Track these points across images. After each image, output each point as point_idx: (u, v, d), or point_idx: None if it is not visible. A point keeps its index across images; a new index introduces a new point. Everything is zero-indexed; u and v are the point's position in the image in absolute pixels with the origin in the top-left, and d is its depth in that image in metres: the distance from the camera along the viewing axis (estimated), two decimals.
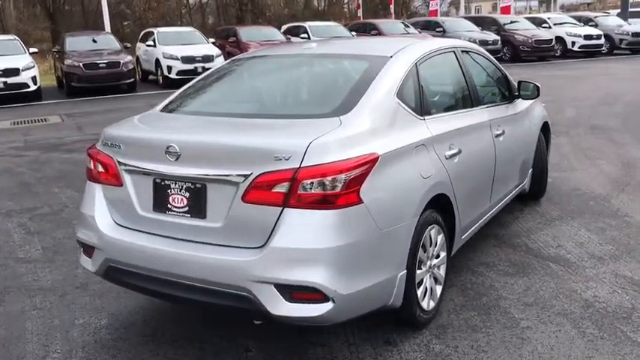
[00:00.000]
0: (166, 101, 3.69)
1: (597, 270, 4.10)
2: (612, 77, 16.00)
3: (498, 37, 21.46)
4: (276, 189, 2.70)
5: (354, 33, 20.60)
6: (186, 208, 2.95)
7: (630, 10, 28.76)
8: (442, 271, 3.55)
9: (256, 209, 2.76)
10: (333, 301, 2.70)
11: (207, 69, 16.48)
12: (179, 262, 2.92)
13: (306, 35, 20.09)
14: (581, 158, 7.29)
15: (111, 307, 3.85)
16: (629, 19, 26.70)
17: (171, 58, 16.89)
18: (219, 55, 17.30)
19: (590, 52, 23.13)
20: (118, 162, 3.14)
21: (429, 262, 3.37)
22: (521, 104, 4.98)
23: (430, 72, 3.71)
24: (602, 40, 23.26)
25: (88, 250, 3.33)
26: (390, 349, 3.22)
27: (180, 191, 2.96)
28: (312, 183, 2.67)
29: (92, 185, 3.35)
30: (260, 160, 2.73)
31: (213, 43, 18.28)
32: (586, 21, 25.30)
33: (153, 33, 18.42)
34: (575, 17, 25.85)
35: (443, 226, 3.49)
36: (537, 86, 4.85)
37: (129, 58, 16.33)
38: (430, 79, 3.70)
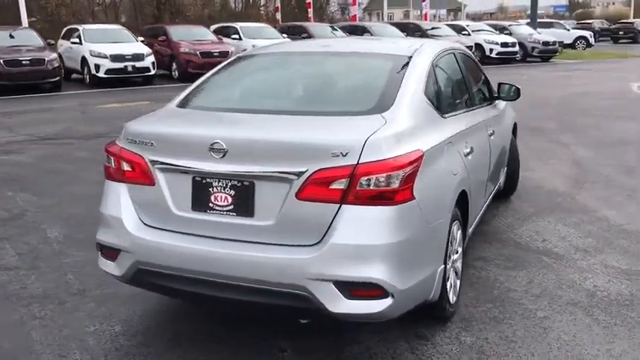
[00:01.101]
0: (181, 97, 3.56)
1: (587, 261, 4.35)
2: (532, 82, 16.91)
3: None
4: (334, 185, 2.69)
5: (284, 35, 20.59)
6: (231, 207, 2.87)
7: (538, 20, 30.53)
8: (459, 266, 3.65)
9: (312, 206, 2.73)
10: (393, 296, 2.72)
11: (138, 68, 15.99)
12: (225, 262, 2.84)
13: (237, 36, 19.86)
14: (534, 158, 7.67)
15: (119, 313, 3.67)
16: (538, 29, 28.36)
17: (99, 56, 16.22)
18: (149, 54, 16.80)
19: (506, 59, 24.35)
20: (150, 160, 3.01)
21: (452, 257, 3.46)
22: (500, 105, 5.20)
23: (442, 72, 3.82)
24: (517, 48, 24.58)
25: (111, 253, 3.17)
26: (424, 343, 3.28)
27: (224, 189, 2.88)
28: (371, 179, 2.68)
29: (114, 185, 3.19)
30: (316, 156, 2.71)
31: (142, 41, 17.70)
32: (501, 29, 26.65)
33: (77, 30, 17.60)
34: (491, 25, 27.14)
35: (461, 222, 3.60)
36: (518, 88, 5.07)
37: (54, 55, 15.51)
38: (443, 79, 3.80)
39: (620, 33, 40.51)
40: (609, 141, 8.75)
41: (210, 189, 2.90)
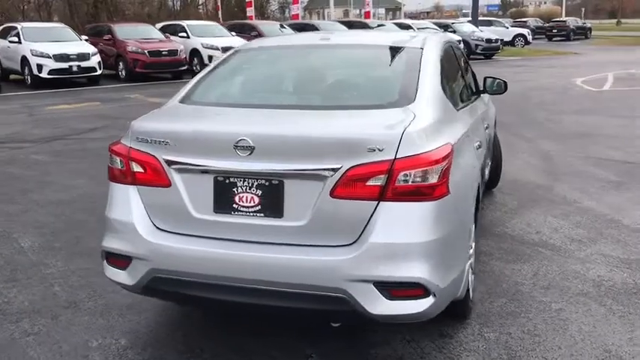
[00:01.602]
0: (184, 93, 3.34)
1: (584, 252, 4.40)
2: (481, 79, 17.25)
3: None
4: (371, 182, 2.57)
5: (233, 33, 20.26)
6: (258, 207, 2.71)
7: (480, 18, 31.28)
8: (473, 261, 3.60)
9: (347, 204, 2.60)
10: (434, 295, 2.62)
11: (84, 68, 15.37)
12: (254, 266, 2.67)
13: (185, 34, 19.38)
14: (504, 152, 7.76)
15: (121, 324, 3.44)
16: (480, 27, 29.05)
17: (42, 56, 15.50)
18: (95, 54, 16.18)
19: None
20: (166, 160, 2.80)
21: (469, 252, 3.40)
22: (485, 98, 5.20)
23: (447, 64, 3.75)
24: (461, 46, 25.02)
25: (121, 261, 2.94)
26: (448, 341, 3.21)
27: (250, 189, 2.71)
28: (409, 174, 2.57)
29: (122, 187, 2.96)
30: (351, 152, 2.58)
31: (86, 40, 17.03)
32: (445, 27, 27.10)
33: (16, 28, 16.77)
34: (435, 23, 27.58)
35: (476, 217, 3.55)
36: (505, 82, 5.08)
37: None
38: (448, 71, 3.74)
39: (554, 31, 42.02)
40: (569, 134, 8.98)
41: (235, 189, 2.73)
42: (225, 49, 18.62)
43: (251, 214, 2.72)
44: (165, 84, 16.94)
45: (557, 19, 46.02)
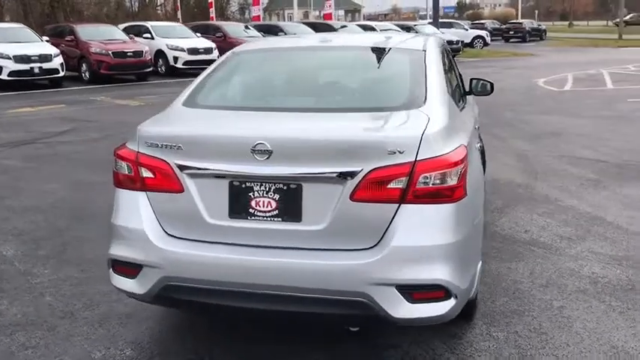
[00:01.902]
0: (187, 96, 3.26)
1: (575, 249, 4.49)
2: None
3: None
4: (392, 184, 2.56)
5: (198, 34, 20.01)
6: (276, 212, 2.67)
7: (441, 20, 31.70)
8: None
9: (368, 207, 2.58)
10: (455, 297, 2.63)
11: (46, 70, 14.98)
12: (272, 271, 2.63)
13: (149, 35, 19.08)
14: None
15: (124, 334, 3.34)
16: (441, 29, 29.44)
17: (1, 57, 14.99)
18: (57, 55, 15.76)
19: None
20: (178, 165, 2.73)
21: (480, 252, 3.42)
22: (471, 99, 5.26)
23: (446, 67, 3.77)
24: None
25: (130, 269, 2.86)
26: (458, 341, 3.22)
27: (267, 193, 2.66)
28: (429, 176, 2.57)
29: (130, 193, 2.88)
30: (371, 154, 2.56)
31: (47, 41, 16.56)
32: (407, 29, 27.39)
33: None
34: (398, 25, 27.85)
35: None
36: (491, 83, 5.15)
37: None
38: (448, 73, 3.76)
39: (511, 32, 42.96)
40: (540, 133, 9.17)
41: (251, 194, 2.68)
42: (190, 51, 18.45)
43: (268, 218, 2.68)
44: (131, 86, 16.63)
45: (514, 21, 47.10)
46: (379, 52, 3.59)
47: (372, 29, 25.19)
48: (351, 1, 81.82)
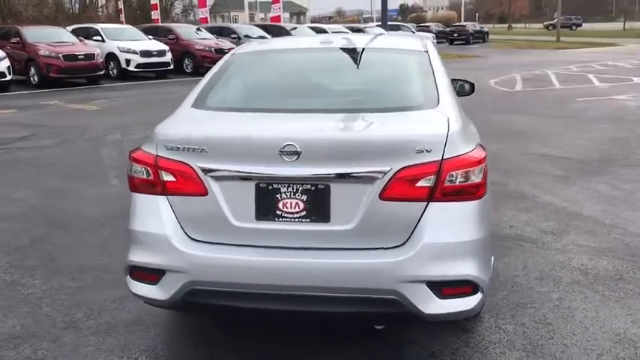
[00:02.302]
0: (193, 99, 3.19)
1: (560, 243, 4.66)
2: None
3: None
4: (421, 183, 2.61)
5: (150, 37, 19.63)
6: (304, 213, 2.67)
7: (389, 23, 32.20)
8: None
9: (397, 206, 2.62)
10: (482, 291, 2.70)
11: None
12: (301, 272, 2.63)
13: (99, 37, 18.58)
14: None
15: (134, 342, 3.27)
16: (389, 31, 29.90)
17: None
18: (3, 58, 15.15)
19: None
20: (202, 168, 2.70)
21: None
22: None
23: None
24: None
25: (151, 275, 2.80)
26: (471, 335, 3.30)
27: (294, 195, 2.66)
28: (456, 174, 2.63)
29: (150, 198, 2.82)
30: (400, 153, 2.60)
31: None
32: (357, 31, 27.69)
33: None
34: (348, 28, 28.13)
35: None
36: (473, 84, 5.29)
37: None
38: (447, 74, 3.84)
39: (455, 35, 43.99)
40: (505, 132, 9.43)
41: (278, 195, 2.68)
42: (143, 53, 18.09)
43: (296, 219, 2.68)
44: (83, 90, 16.16)
45: (457, 24, 48.28)
46: (385, 53, 3.64)
47: (324, 31, 25.33)
48: (295, 4, 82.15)
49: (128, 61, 17.98)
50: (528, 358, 3.08)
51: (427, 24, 50.09)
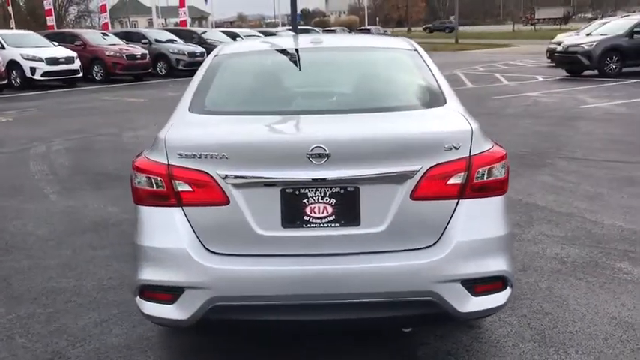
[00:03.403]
0: (187, 104, 2.97)
1: (530, 234, 4.81)
2: None
3: (204, 50, 21.86)
4: (452, 180, 2.58)
5: (55, 43, 18.55)
6: (333, 217, 2.57)
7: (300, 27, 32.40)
8: None
9: (428, 205, 2.58)
10: (511, 286, 2.71)
11: None
12: (333, 279, 2.53)
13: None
14: None
15: None
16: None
17: None
18: None
19: None
20: (222, 176, 2.53)
21: None
22: None
23: None
24: None
25: (165, 294, 2.60)
26: (479, 331, 3.32)
27: (322, 199, 2.56)
28: (483, 171, 2.63)
29: (163, 211, 2.61)
30: (429, 151, 2.56)
31: None
32: (271, 34, 27.64)
33: None
34: (260, 32, 28.01)
35: None
36: None
37: None
38: None
39: None
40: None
41: (305, 200, 2.56)
42: (50, 61, 17.09)
43: (325, 225, 2.57)
44: None
45: (362, 27, 49.36)
46: (377, 53, 3.59)
47: (237, 36, 25.04)
48: (197, 9, 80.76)
49: (33, 70, 16.90)
50: (541, 348, 3.13)
51: (333, 28, 50.85)
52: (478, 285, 2.62)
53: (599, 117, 10.48)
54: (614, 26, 17.91)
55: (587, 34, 18.88)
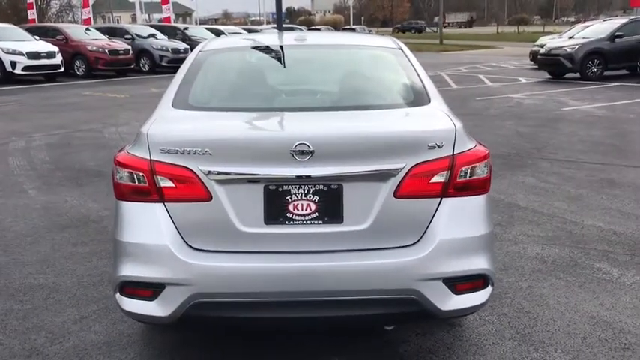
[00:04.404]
0: (170, 100, 2.95)
1: (511, 234, 4.85)
2: None
3: (188, 46, 21.72)
4: (435, 179, 2.59)
5: (37, 37, 18.31)
6: (315, 215, 2.56)
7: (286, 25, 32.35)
8: None
9: (411, 203, 2.58)
10: (492, 284, 2.73)
11: None
12: (316, 276, 2.52)
13: None
14: None
15: None
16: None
17: None
18: None
19: None
20: (205, 172, 2.51)
21: None
22: None
23: None
24: None
25: (146, 290, 2.57)
26: (459, 329, 3.33)
27: (305, 196, 2.55)
28: (466, 170, 2.64)
29: (144, 206, 2.59)
30: (413, 150, 2.57)
31: None
32: (256, 32, 27.57)
33: None
34: (245, 29, 27.87)
35: None
36: None
37: None
38: None
39: None
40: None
41: (288, 197, 2.55)
42: (31, 55, 16.87)
43: (308, 222, 2.56)
44: None
45: (348, 27, 49.42)
46: (362, 51, 3.59)
47: (222, 33, 24.89)
48: (182, 6, 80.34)
49: (14, 64, 16.68)
50: (520, 347, 3.15)
51: (318, 27, 50.83)
52: (459, 283, 2.63)
53: (581, 119, 10.59)
54: (596, 30, 18.11)
55: (570, 37, 19.06)
